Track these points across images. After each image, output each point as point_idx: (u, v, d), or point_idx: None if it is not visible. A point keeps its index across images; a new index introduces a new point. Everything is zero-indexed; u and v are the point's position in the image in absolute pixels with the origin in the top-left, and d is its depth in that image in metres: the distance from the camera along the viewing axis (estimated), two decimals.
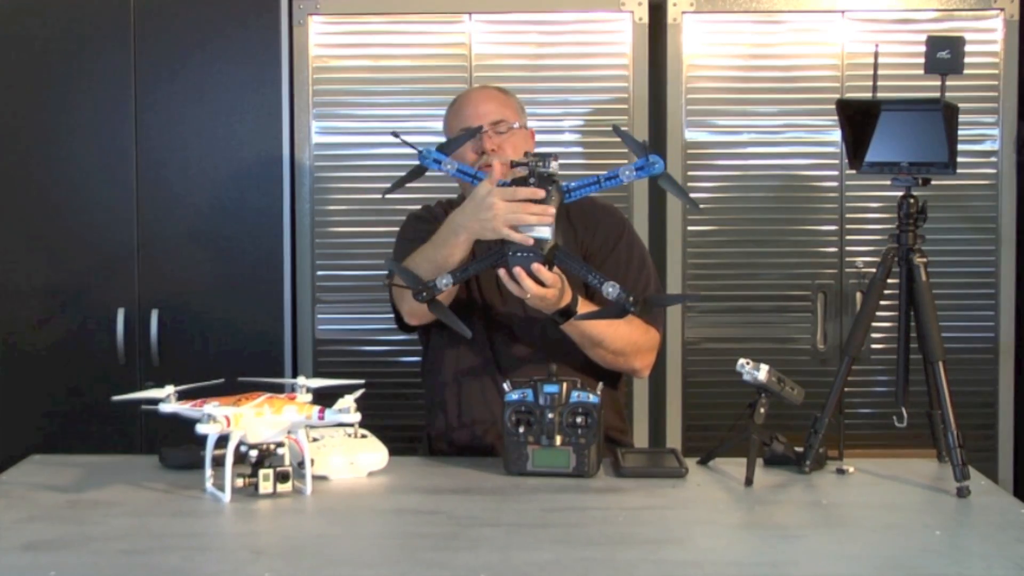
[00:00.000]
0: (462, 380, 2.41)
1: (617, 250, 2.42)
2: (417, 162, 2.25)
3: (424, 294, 2.16)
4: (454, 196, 2.60)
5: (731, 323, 3.20)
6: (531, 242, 2.10)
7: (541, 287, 2.12)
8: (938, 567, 1.71)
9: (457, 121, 2.45)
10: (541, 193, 2.11)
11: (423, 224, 2.47)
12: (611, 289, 2.11)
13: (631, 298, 2.10)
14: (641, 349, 2.38)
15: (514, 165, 2.16)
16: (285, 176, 3.15)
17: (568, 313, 2.22)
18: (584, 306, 2.24)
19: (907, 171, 2.25)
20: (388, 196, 2.35)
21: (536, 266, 2.11)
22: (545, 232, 2.11)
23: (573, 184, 2.15)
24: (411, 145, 2.25)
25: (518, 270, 2.11)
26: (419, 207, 2.60)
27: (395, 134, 2.29)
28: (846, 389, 2.33)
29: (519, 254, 2.11)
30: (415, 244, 2.37)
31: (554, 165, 2.12)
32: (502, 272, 2.14)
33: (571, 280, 2.21)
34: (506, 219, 2.10)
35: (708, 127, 3.20)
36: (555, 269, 2.14)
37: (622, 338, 2.33)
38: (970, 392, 3.13)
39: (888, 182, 2.31)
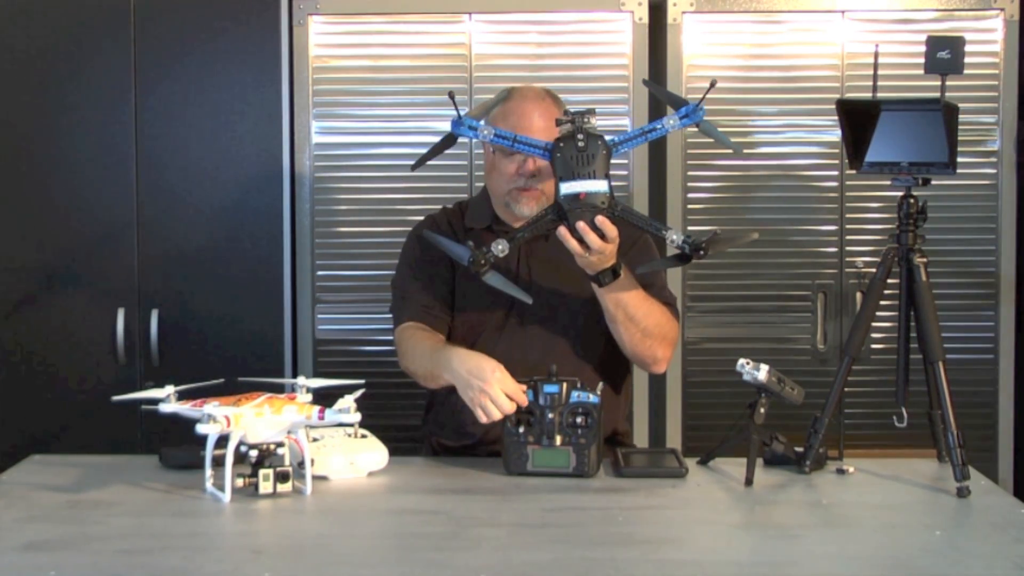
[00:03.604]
0: None
1: (636, 247, 2.42)
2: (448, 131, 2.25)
3: (483, 265, 2.13)
4: (459, 199, 2.60)
5: (731, 323, 3.20)
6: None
7: (603, 242, 2.12)
8: (938, 567, 1.71)
9: (505, 121, 2.37)
10: (524, 401, 2.13)
11: (426, 251, 2.41)
12: (675, 236, 2.13)
13: (700, 242, 2.11)
14: (667, 336, 2.36)
15: (559, 123, 2.17)
16: (285, 176, 3.15)
17: (615, 272, 2.22)
18: (626, 274, 2.25)
19: (907, 171, 2.25)
20: (415, 170, 2.36)
21: (600, 219, 2.11)
22: (603, 185, 2.12)
23: (618, 138, 2.17)
24: (457, 109, 2.24)
25: (582, 225, 2.11)
26: (423, 218, 2.57)
27: (451, 95, 2.25)
28: (846, 389, 2.33)
29: (579, 209, 2.11)
30: (418, 276, 2.41)
31: (593, 121, 2.15)
32: (563, 231, 2.13)
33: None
34: (486, 403, 2.13)
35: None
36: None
37: (653, 316, 2.32)
38: (970, 392, 3.13)
39: (888, 182, 2.31)
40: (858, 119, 2.30)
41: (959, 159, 2.24)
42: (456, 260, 2.19)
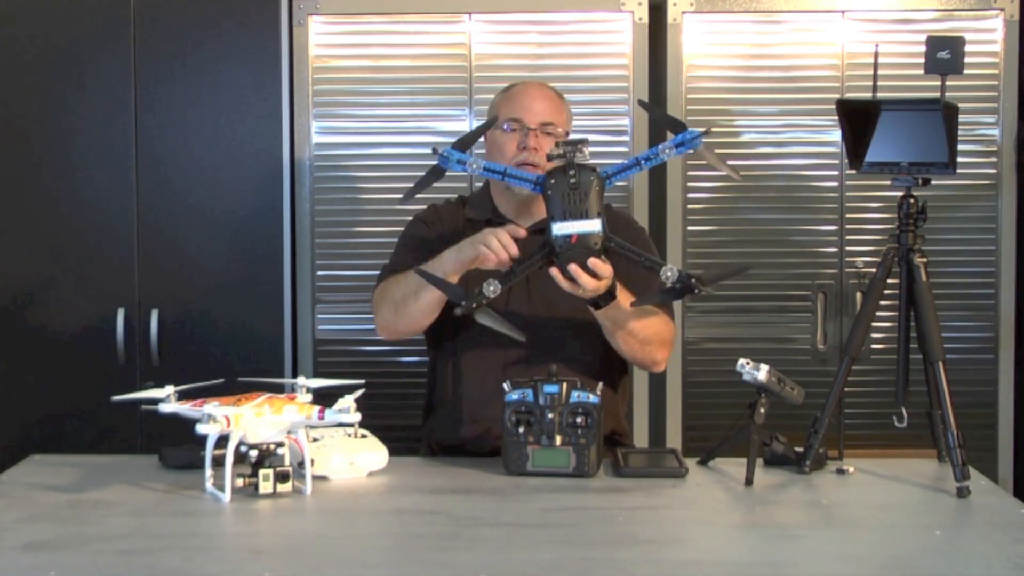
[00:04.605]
0: (483, 380, 2.37)
1: (637, 245, 2.40)
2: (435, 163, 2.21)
3: (472, 303, 2.11)
4: (458, 194, 2.60)
5: (731, 323, 3.20)
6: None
7: (596, 280, 2.12)
8: (938, 567, 1.71)
9: (507, 108, 2.43)
10: (522, 233, 2.16)
11: (423, 228, 2.47)
12: (670, 273, 2.11)
13: (693, 279, 2.09)
14: (664, 340, 2.38)
15: (551, 158, 2.16)
16: (285, 176, 3.15)
17: (611, 295, 2.21)
18: (621, 291, 2.25)
19: (907, 171, 2.25)
20: (405, 203, 2.31)
21: (593, 261, 2.10)
22: (596, 225, 2.10)
23: (611, 169, 2.13)
24: (440, 153, 2.18)
25: (574, 268, 2.11)
26: (425, 207, 2.58)
27: (434, 150, 2.20)
28: (846, 389, 2.33)
29: (571, 251, 2.10)
30: (412, 252, 2.40)
31: (586, 151, 2.11)
32: (554, 271, 2.13)
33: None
34: (492, 242, 2.15)
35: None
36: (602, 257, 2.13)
37: (651, 326, 2.33)
38: (970, 392, 3.13)
39: (888, 182, 2.31)
40: (858, 119, 2.30)
41: (959, 159, 2.24)
42: (452, 300, 2.17)
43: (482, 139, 2.36)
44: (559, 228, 2.11)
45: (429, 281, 2.18)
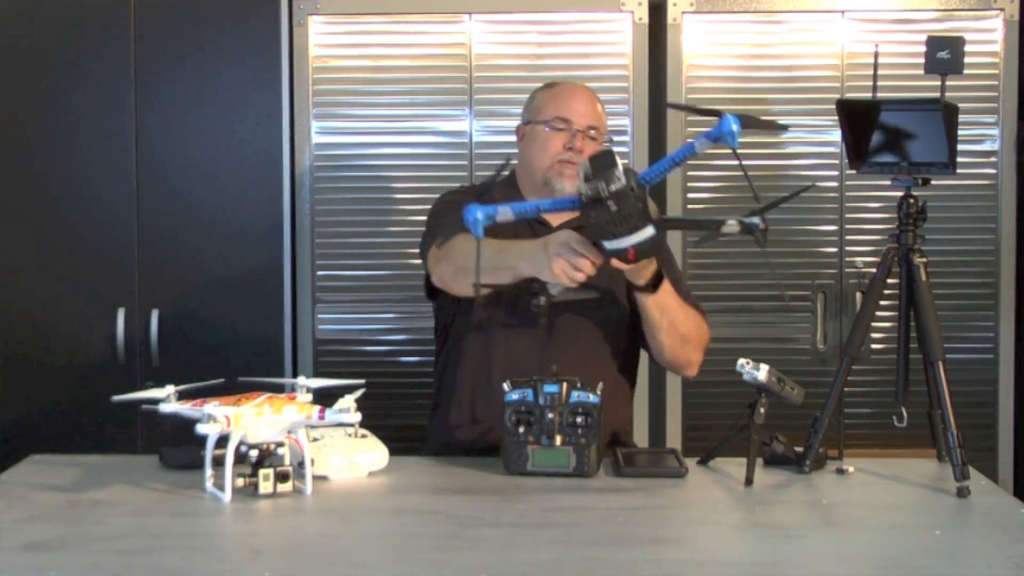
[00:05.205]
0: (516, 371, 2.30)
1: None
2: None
3: (539, 311, 2.11)
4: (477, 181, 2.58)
5: (731, 323, 3.20)
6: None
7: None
8: (938, 567, 1.71)
9: (553, 106, 2.41)
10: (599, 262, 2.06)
11: (472, 201, 2.39)
12: (732, 222, 2.06)
13: (753, 218, 2.05)
14: (703, 340, 2.42)
15: (584, 197, 1.98)
16: (285, 176, 3.15)
17: (658, 279, 2.24)
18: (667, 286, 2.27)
19: (907, 171, 2.25)
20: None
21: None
22: (649, 231, 1.97)
23: (648, 174, 2.00)
24: (468, 220, 2.03)
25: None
26: (448, 191, 2.58)
27: (464, 217, 2.03)
28: (846, 389, 2.33)
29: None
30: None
31: (616, 172, 1.94)
32: (616, 262, 2.06)
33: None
34: (562, 271, 2.08)
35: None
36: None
37: (691, 320, 2.36)
38: (970, 392, 3.13)
39: (888, 182, 2.31)
40: (858, 119, 2.30)
41: (959, 159, 2.24)
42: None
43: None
44: (613, 245, 2.00)
45: (496, 287, 2.12)
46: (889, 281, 2.28)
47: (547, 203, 2.10)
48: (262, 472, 2.01)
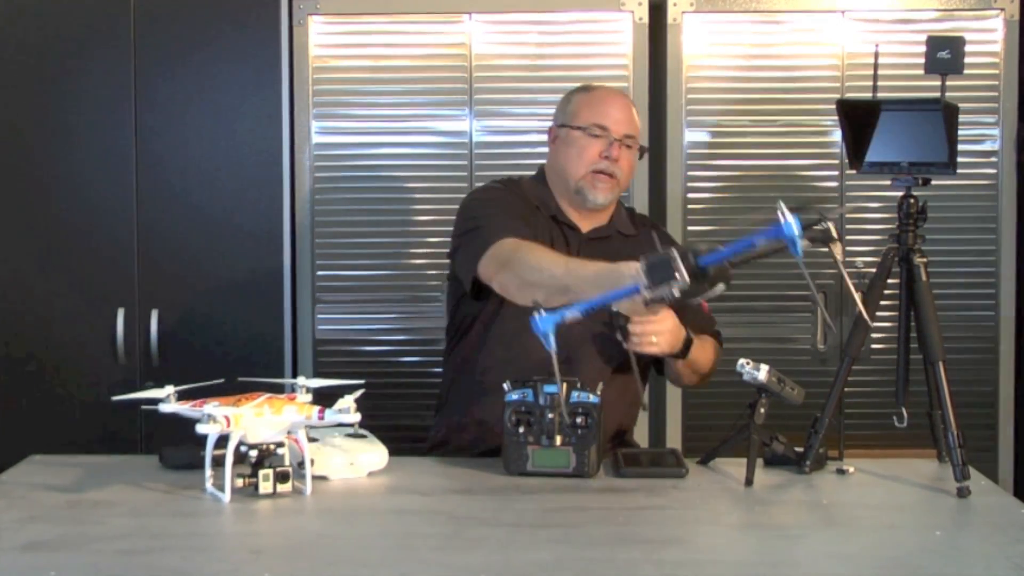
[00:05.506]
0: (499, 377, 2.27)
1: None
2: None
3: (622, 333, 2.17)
4: (460, 199, 2.56)
5: (731, 323, 3.19)
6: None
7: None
8: (938, 567, 1.71)
9: (591, 112, 2.39)
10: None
11: (510, 196, 2.38)
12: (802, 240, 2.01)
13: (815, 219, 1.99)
14: (716, 365, 2.47)
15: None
16: (285, 176, 3.15)
17: (688, 344, 2.28)
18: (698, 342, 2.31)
19: (907, 171, 2.25)
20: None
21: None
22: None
23: (705, 259, 2.01)
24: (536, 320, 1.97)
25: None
26: (477, 188, 2.56)
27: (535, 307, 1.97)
28: (846, 389, 2.33)
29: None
30: (507, 212, 2.30)
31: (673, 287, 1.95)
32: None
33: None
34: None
35: (708, 127, 3.20)
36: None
37: (710, 356, 2.42)
38: (970, 392, 3.12)
39: (888, 182, 2.30)
40: (858, 119, 2.30)
41: (959, 159, 2.24)
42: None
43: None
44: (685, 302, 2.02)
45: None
46: (889, 281, 2.27)
47: (612, 295, 1.99)
48: (262, 472, 2.01)
